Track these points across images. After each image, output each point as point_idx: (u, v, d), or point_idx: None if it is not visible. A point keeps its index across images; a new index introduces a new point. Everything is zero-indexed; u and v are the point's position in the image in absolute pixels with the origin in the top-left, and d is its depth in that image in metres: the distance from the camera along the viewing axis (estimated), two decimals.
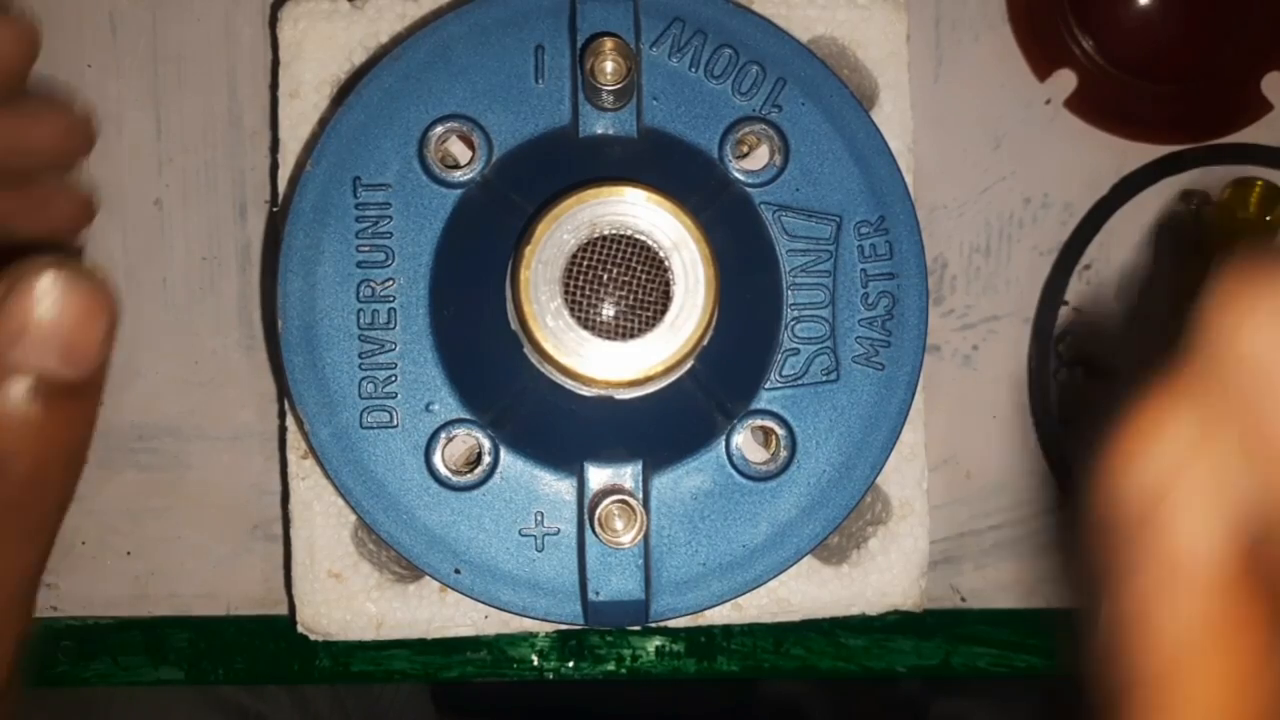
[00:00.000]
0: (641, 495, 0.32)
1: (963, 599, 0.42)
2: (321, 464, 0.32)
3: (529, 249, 0.30)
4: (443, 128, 0.32)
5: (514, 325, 0.32)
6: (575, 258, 0.30)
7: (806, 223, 0.33)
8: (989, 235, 0.42)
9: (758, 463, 0.33)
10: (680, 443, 0.33)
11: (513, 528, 0.32)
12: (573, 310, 0.30)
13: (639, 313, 0.31)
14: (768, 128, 0.33)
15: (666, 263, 0.30)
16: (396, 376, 0.32)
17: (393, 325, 0.32)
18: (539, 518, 0.32)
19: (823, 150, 0.33)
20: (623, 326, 0.31)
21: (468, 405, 0.32)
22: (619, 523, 0.31)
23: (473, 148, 0.33)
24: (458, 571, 0.32)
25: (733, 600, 0.33)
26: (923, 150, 0.39)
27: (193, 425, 0.41)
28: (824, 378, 0.33)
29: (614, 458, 0.32)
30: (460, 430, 0.32)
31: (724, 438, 0.33)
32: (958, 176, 0.42)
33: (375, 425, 0.32)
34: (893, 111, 0.37)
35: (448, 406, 0.32)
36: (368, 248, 0.32)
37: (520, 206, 0.32)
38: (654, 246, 0.30)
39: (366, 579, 0.35)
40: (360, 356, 0.32)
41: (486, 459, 0.32)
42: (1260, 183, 0.42)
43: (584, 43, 0.32)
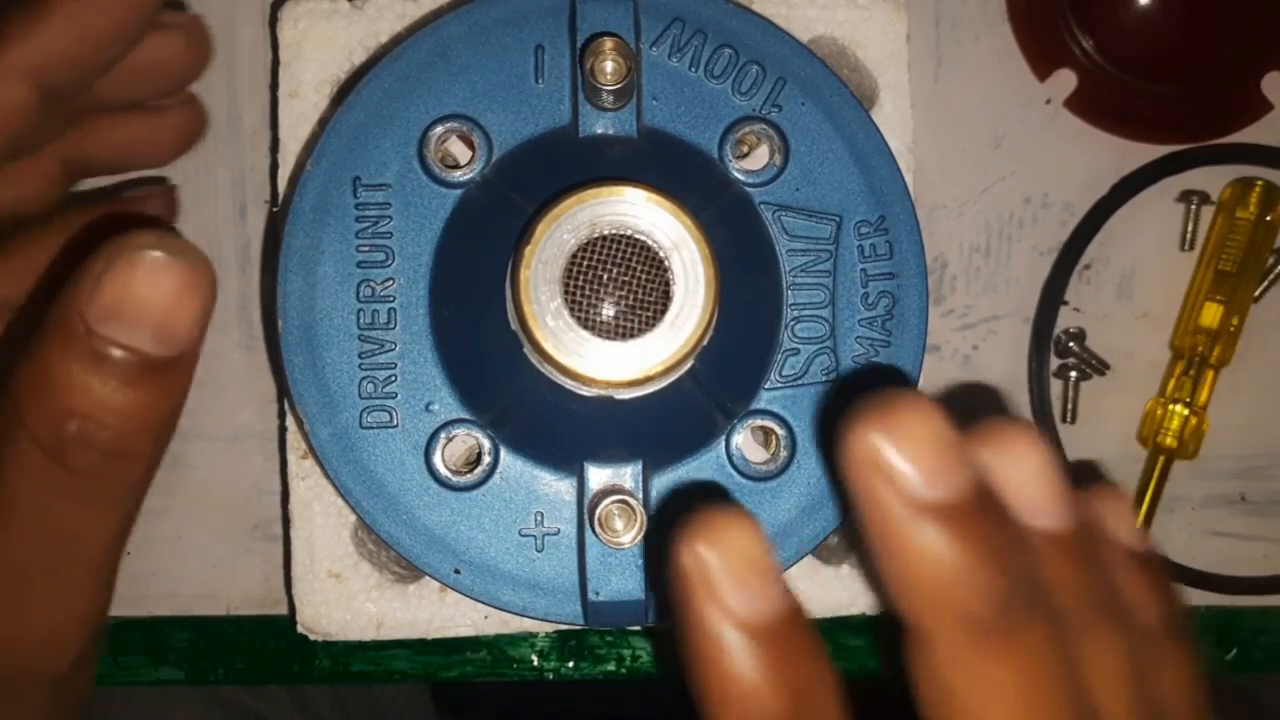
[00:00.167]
0: (641, 495, 0.32)
1: None
2: (321, 464, 0.32)
3: (529, 249, 0.30)
4: (443, 128, 0.32)
5: (514, 325, 0.32)
6: (575, 258, 0.30)
7: (806, 223, 0.33)
8: (989, 235, 0.42)
9: (758, 463, 0.33)
10: (680, 443, 0.33)
11: (513, 528, 0.32)
12: (573, 310, 0.30)
13: (639, 313, 0.31)
14: (768, 127, 0.33)
15: (666, 263, 0.30)
16: (396, 376, 0.32)
17: (393, 325, 0.32)
18: (539, 518, 0.32)
19: (823, 150, 0.33)
20: (623, 326, 0.31)
21: (468, 405, 0.32)
22: (619, 523, 0.31)
23: (473, 148, 0.33)
24: (458, 571, 0.32)
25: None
26: (923, 150, 0.39)
27: (193, 425, 0.41)
28: (824, 378, 0.33)
29: (614, 458, 0.32)
30: (460, 430, 0.32)
31: (724, 438, 0.33)
32: (958, 176, 0.42)
33: (375, 425, 0.32)
34: (893, 111, 0.37)
35: (448, 406, 0.32)
36: (368, 248, 0.32)
37: (520, 206, 0.32)
38: (654, 246, 0.30)
39: (366, 579, 0.35)
40: (360, 356, 0.32)
41: (486, 459, 0.32)
42: (1260, 183, 0.42)
43: (584, 43, 0.32)
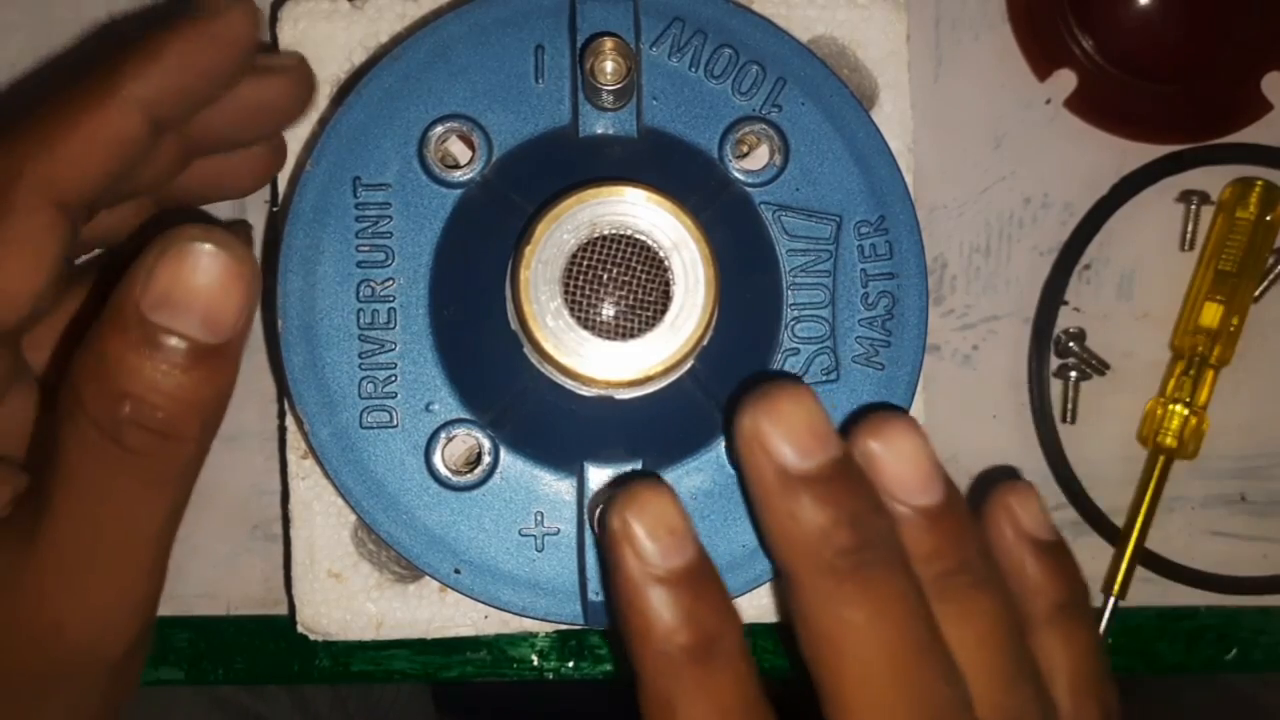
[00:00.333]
0: None
1: None
2: (321, 464, 0.32)
3: (529, 249, 0.30)
4: (443, 128, 0.32)
5: (514, 325, 0.32)
6: (575, 258, 0.30)
7: (806, 222, 0.33)
8: (989, 235, 0.42)
9: None
10: (680, 443, 0.33)
11: (513, 528, 0.32)
12: (573, 310, 0.30)
13: (639, 313, 0.31)
14: (768, 127, 0.33)
15: (666, 263, 0.30)
16: (396, 376, 0.32)
17: (393, 325, 0.32)
18: (539, 518, 0.32)
19: (823, 150, 0.33)
20: (623, 326, 0.31)
21: (468, 405, 0.32)
22: None
23: (473, 148, 0.33)
24: (458, 571, 0.32)
25: (732, 600, 0.33)
26: (923, 150, 0.39)
27: None
28: (824, 378, 0.33)
29: (614, 458, 0.32)
30: (460, 430, 0.32)
31: (724, 438, 0.33)
32: (958, 176, 0.42)
33: (375, 425, 0.32)
34: (893, 111, 0.37)
35: (448, 406, 0.32)
36: (367, 248, 0.32)
37: (520, 206, 0.32)
38: (654, 246, 0.30)
39: (366, 579, 0.35)
40: (360, 356, 0.32)
41: (486, 459, 0.32)
42: (1260, 183, 0.42)
43: (584, 42, 0.32)
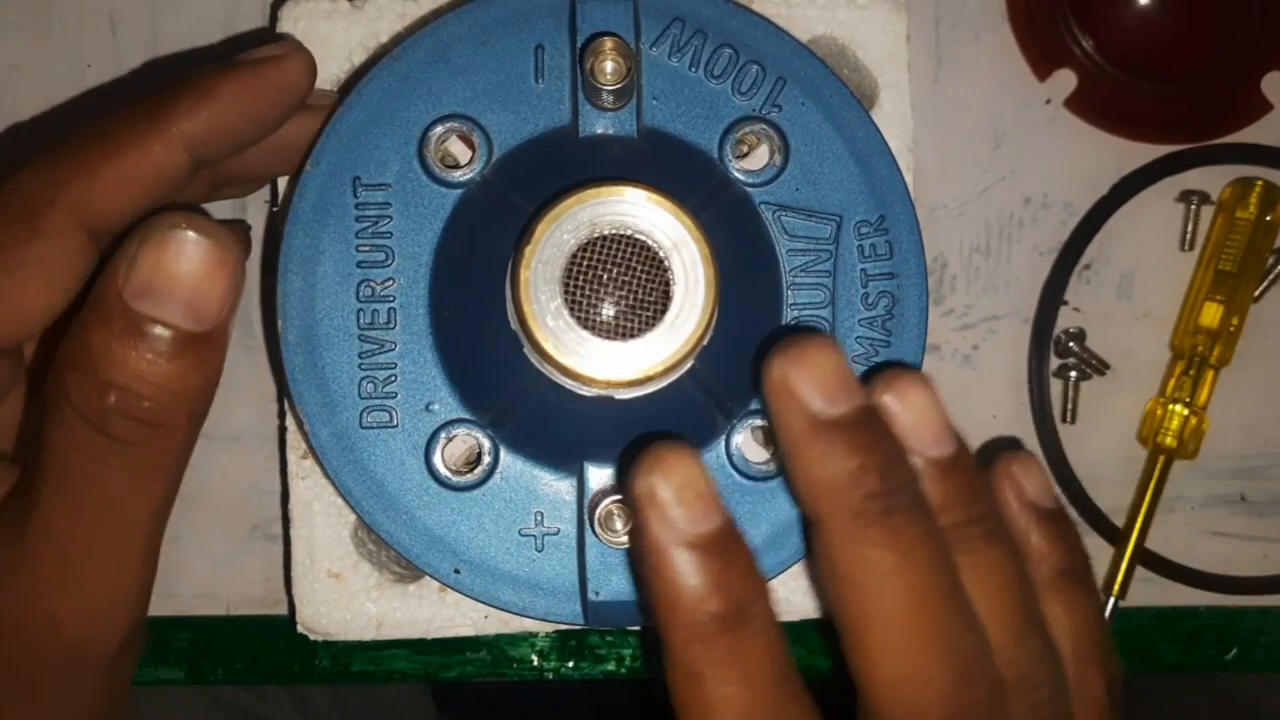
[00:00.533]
0: None
1: None
2: (321, 464, 0.32)
3: (529, 249, 0.30)
4: (443, 128, 0.32)
5: (514, 325, 0.32)
6: (575, 258, 0.30)
7: (806, 222, 0.33)
8: (989, 235, 0.42)
9: (758, 463, 0.33)
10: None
11: (513, 528, 0.32)
12: (573, 310, 0.30)
13: (639, 313, 0.31)
14: (768, 127, 0.33)
15: (666, 263, 0.30)
16: (396, 376, 0.32)
17: (393, 325, 0.32)
18: (539, 518, 0.32)
19: (823, 150, 0.33)
20: (623, 326, 0.31)
21: (468, 405, 0.32)
22: (619, 522, 0.31)
23: (473, 148, 0.33)
24: (458, 571, 0.32)
25: None
26: (923, 150, 0.39)
27: None
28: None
29: (614, 458, 0.32)
30: (460, 430, 0.32)
31: (724, 438, 0.33)
32: (958, 176, 0.42)
33: (375, 425, 0.32)
34: (893, 111, 0.37)
35: (448, 406, 0.32)
36: (368, 248, 0.32)
37: (520, 206, 0.32)
38: (654, 246, 0.30)
39: (366, 579, 0.35)
40: (360, 356, 0.32)
41: (486, 459, 0.32)
42: (1260, 183, 0.42)
43: (584, 42, 0.32)
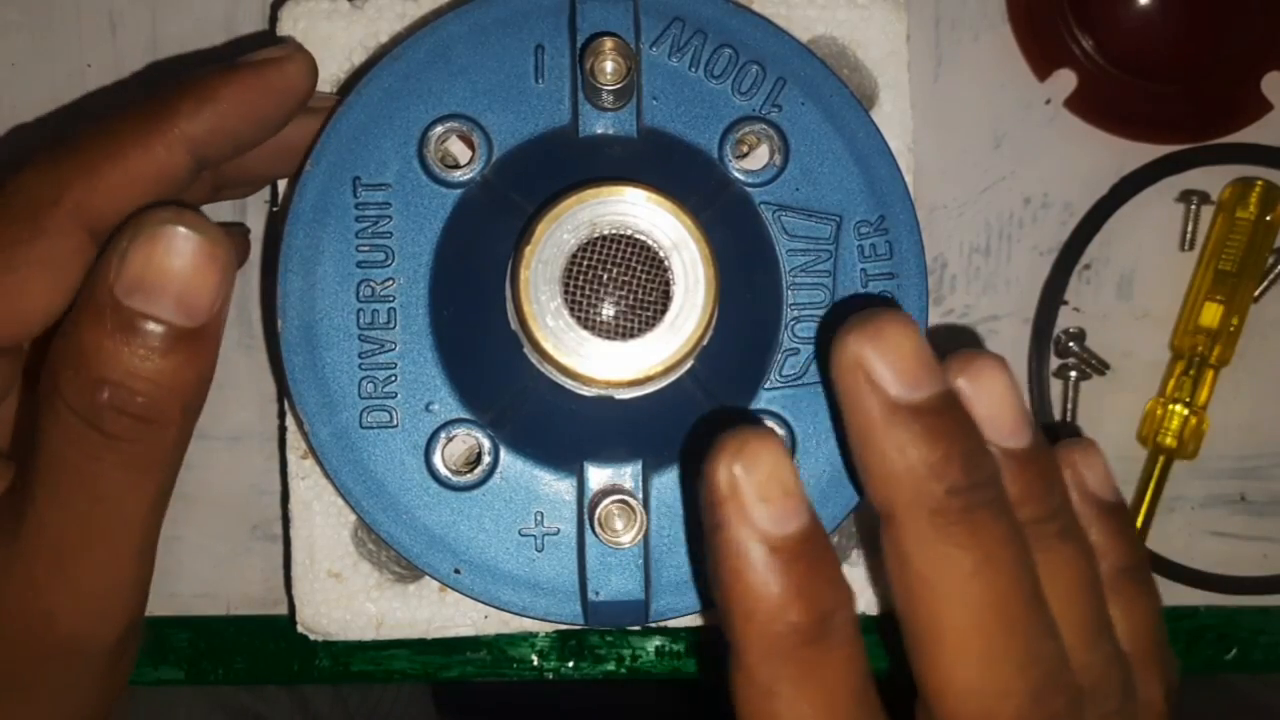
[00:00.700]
0: (641, 495, 0.32)
1: None
2: (321, 464, 0.32)
3: (529, 249, 0.30)
4: (443, 128, 0.32)
5: (514, 325, 0.32)
6: (575, 257, 0.30)
7: (806, 222, 0.33)
8: (989, 235, 0.42)
9: None
10: (680, 443, 0.33)
11: (513, 528, 0.32)
12: (573, 310, 0.30)
13: (639, 313, 0.31)
14: (768, 127, 0.33)
15: (666, 263, 0.30)
16: (396, 376, 0.32)
17: (393, 325, 0.32)
18: (539, 518, 0.32)
19: (823, 150, 0.33)
20: (623, 326, 0.31)
21: (468, 405, 0.32)
22: (619, 523, 0.31)
23: (473, 148, 0.33)
24: (458, 571, 0.32)
25: None
26: (923, 150, 0.39)
27: None
28: (824, 378, 0.33)
29: (614, 458, 0.32)
30: (460, 430, 0.32)
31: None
32: (958, 176, 0.42)
33: (375, 425, 0.32)
34: (893, 111, 0.37)
35: (447, 406, 0.32)
36: (367, 248, 0.32)
37: (520, 206, 0.32)
38: (654, 246, 0.30)
39: (366, 579, 0.35)
40: (360, 356, 0.32)
41: (486, 459, 0.32)
42: (1260, 183, 0.42)
43: (584, 42, 0.32)
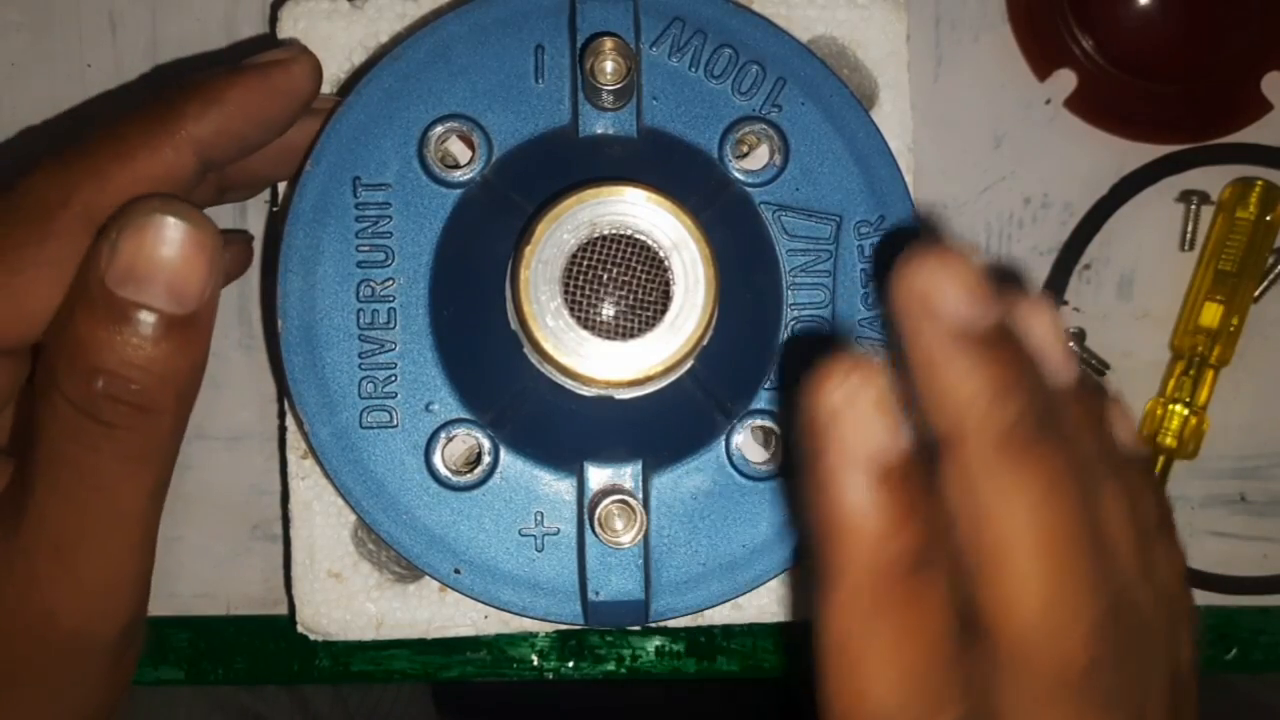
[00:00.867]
0: (641, 495, 0.32)
1: None
2: (321, 464, 0.32)
3: (529, 249, 0.30)
4: (443, 127, 0.32)
5: (514, 325, 0.32)
6: (575, 257, 0.30)
7: (806, 222, 0.33)
8: (989, 235, 0.42)
9: (758, 463, 0.33)
10: (680, 443, 0.33)
11: (513, 528, 0.32)
12: (572, 310, 0.30)
13: (639, 313, 0.31)
14: (768, 127, 0.33)
15: (666, 263, 0.30)
16: (396, 376, 0.32)
17: (393, 325, 0.32)
18: (539, 518, 0.32)
19: (823, 150, 0.33)
20: (623, 326, 0.31)
21: (468, 405, 0.32)
22: (619, 523, 0.31)
23: (473, 148, 0.33)
24: (458, 571, 0.32)
25: (733, 600, 0.33)
26: (923, 150, 0.39)
27: (193, 425, 0.40)
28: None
29: (614, 458, 0.32)
30: (460, 430, 0.32)
31: (724, 438, 0.33)
32: (958, 176, 0.42)
33: (375, 425, 0.32)
34: (893, 111, 0.37)
35: (448, 406, 0.32)
36: (368, 248, 0.32)
37: (520, 206, 0.32)
38: (654, 246, 0.30)
39: (366, 579, 0.35)
40: (360, 356, 0.32)
41: (486, 459, 0.32)
42: (1260, 183, 0.42)
43: (584, 42, 0.32)
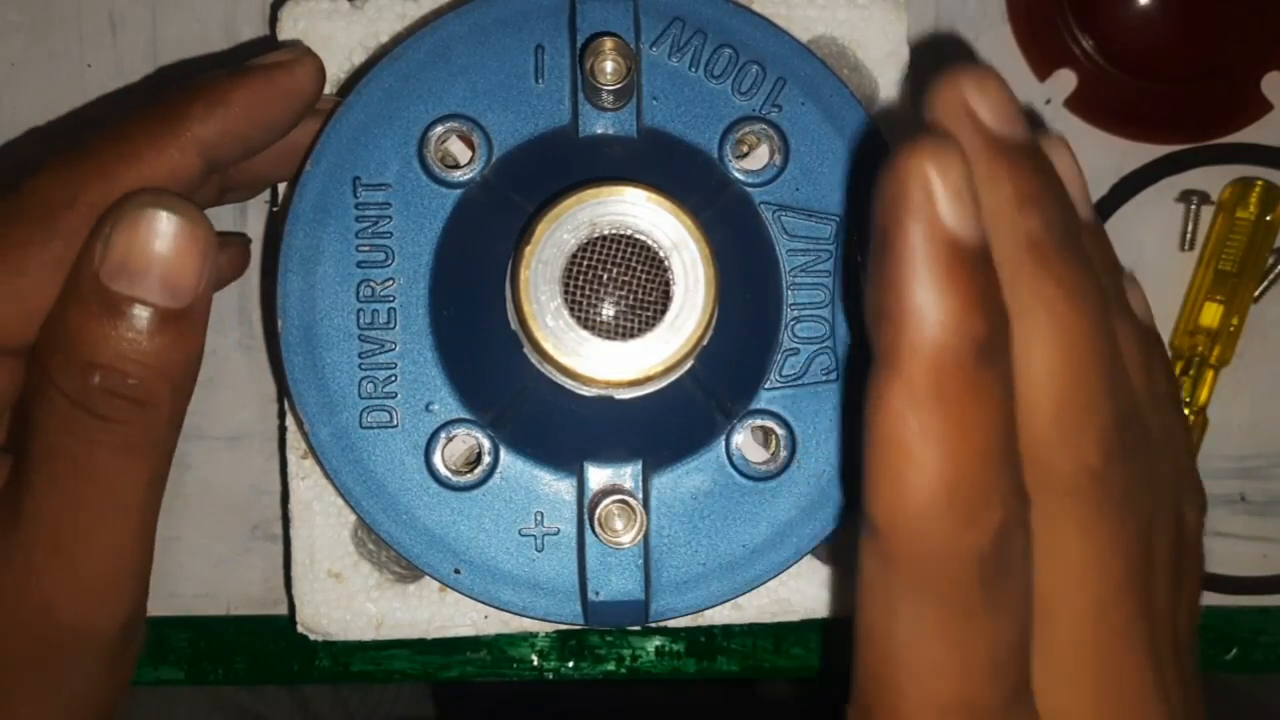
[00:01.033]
0: (641, 495, 0.32)
1: None
2: (321, 464, 0.32)
3: (529, 249, 0.30)
4: (443, 128, 0.32)
5: (514, 325, 0.32)
6: (575, 257, 0.30)
7: (806, 222, 0.33)
8: None
9: (758, 463, 0.33)
10: (680, 443, 0.33)
11: (513, 528, 0.32)
12: (572, 310, 0.30)
13: (639, 313, 0.31)
14: (768, 127, 0.33)
15: (666, 263, 0.30)
16: (396, 376, 0.32)
17: (393, 325, 0.32)
18: (539, 518, 0.32)
19: (823, 150, 0.33)
20: (622, 326, 0.31)
21: (468, 405, 0.32)
22: (619, 523, 0.31)
23: (473, 148, 0.33)
24: (458, 571, 0.32)
25: (733, 600, 0.33)
26: None
27: (192, 425, 0.41)
28: (824, 378, 0.33)
29: (614, 458, 0.32)
30: (460, 430, 0.32)
31: (724, 438, 0.33)
32: None
33: (375, 425, 0.32)
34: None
35: (447, 406, 0.32)
36: (367, 248, 0.32)
37: (520, 206, 0.32)
38: (654, 246, 0.30)
39: (366, 579, 0.35)
40: (360, 356, 0.32)
41: (486, 459, 0.32)
42: (1260, 183, 0.42)
43: (584, 42, 0.32)
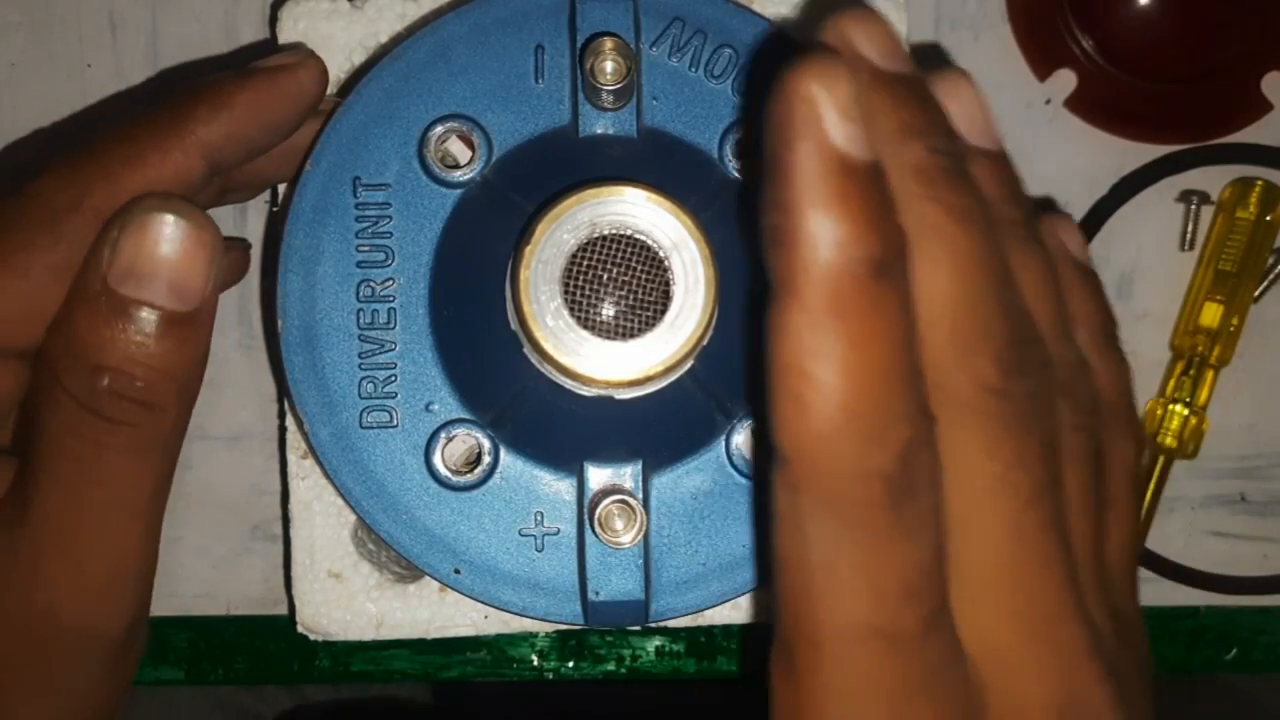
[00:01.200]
0: (641, 495, 0.32)
1: None
2: (321, 464, 0.32)
3: (529, 249, 0.30)
4: (443, 128, 0.32)
5: (514, 325, 0.32)
6: (575, 257, 0.30)
7: None
8: None
9: None
10: (680, 443, 0.33)
11: (513, 528, 0.32)
12: (572, 310, 0.30)
13: (639, 313, 0.31)
14: None
15: (666, 263, 0.30)
16: (396, 376, 0.32)
17: (393, 325, 0.32)
18: (539, 518, 0.32)
19: None
20: (622, 326, 0.31)
21: (468, 405, 0.32)
22: (619, 523, 0.31)
23: (473, 148, 0.33)
24: (458, 571, 0.32)
25: (733, 600, 0.33)
26: None
27: (193, 425, 0.40)
28: None
29: (614, 458, 0.32)
30: (460, 430, 0.32)
31: (724, 438, 0.33)
32: None
33: (375, 425, 0.32)
34: None
35: (447, 406, 0.32)
36: (367, 248, 0.32)
37: (520, 206, 0.32)
38: (654, 246, 0.30)
39: (366, 579, 0.35)
40: (360, 356, 0.32)
41: (486, 459, 0.32)
42: (1260, 183, 0.42)
43: (584, 42, 0.32)
